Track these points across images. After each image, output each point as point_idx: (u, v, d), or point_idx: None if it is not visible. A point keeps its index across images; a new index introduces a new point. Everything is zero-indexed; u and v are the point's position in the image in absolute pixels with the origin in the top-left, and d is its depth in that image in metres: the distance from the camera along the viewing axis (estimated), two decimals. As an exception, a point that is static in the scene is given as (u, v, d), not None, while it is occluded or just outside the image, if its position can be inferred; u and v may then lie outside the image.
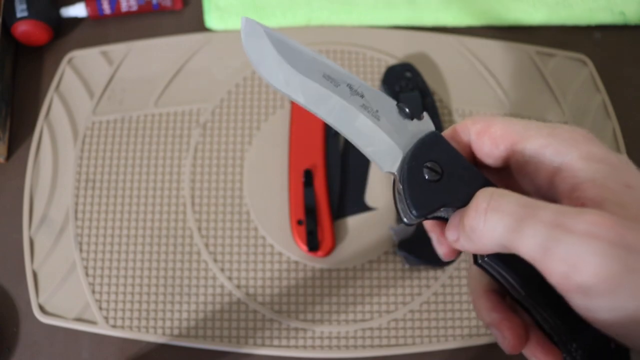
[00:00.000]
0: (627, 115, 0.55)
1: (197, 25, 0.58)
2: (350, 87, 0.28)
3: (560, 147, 0.24)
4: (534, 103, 0.55)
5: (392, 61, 0.56)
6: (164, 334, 0.47)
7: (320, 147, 0.51)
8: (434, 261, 0.48)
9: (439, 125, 0.52)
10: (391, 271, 0.49)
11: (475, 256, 0.27)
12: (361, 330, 0.48)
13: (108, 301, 0.48)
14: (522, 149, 0.25)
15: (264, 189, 0.51)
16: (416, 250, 0.48)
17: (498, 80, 0.56)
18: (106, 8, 0.57)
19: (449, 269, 0.49)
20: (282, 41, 0.28)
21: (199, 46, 0.56)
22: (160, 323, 0.48)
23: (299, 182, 0.50)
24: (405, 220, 0.27)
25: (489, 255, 0.26)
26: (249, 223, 0.50)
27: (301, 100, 0.28)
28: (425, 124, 0.28)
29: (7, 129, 0.53)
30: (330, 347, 0.47)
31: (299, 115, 0.53)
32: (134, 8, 0.57)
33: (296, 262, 0.49)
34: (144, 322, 0.48)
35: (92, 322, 0.48)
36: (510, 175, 0.27)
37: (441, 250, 0.29)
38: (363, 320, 0.48)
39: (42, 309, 0.48)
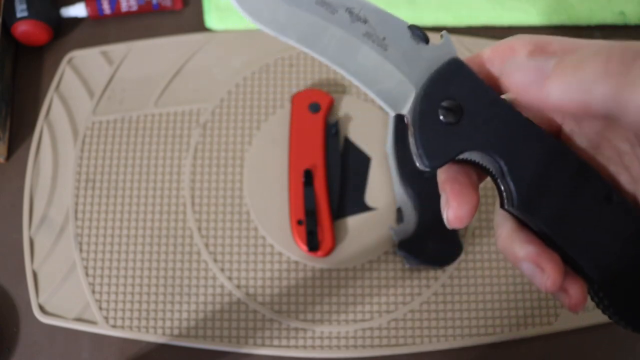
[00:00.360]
0: (627, 115, 0.55)
1: (197, 25, 0.58)
2: (350, 11, 0.24)
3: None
4: (534, 103, 0.55)
5: (392, 61, 0.56)
6: (164, 334, 0.47)
7: (320, 147, 0.51)
8: (434, 261, 0.48)
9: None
10: (391, 271, 0.49)
11: (502, 201, 0.24)
12: (361, 330, 0.48)
13: (108, 301, 0.48)
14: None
15: (264, 189, 0.51)
16: (416, 250, 0.48)
17: (498, 80, 0.56)
18: (106, 8, 0.57)
19: (449, 269, 0.49)
20: None
21: (199, 46, 0.56)
22: (160, 323, 0.48)
23: (299, 182, 0.50)
24: (420, 168, 0.24)
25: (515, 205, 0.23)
26: (249, 223, 0.50)
27: (292, 38, 0.24)
28: (444, 48, 0.24)
29: (7, 129, 0.53)
30: (330, 347, 0.47)
31: (299, 115, 0.53)
32: (134, 8, 0.57)
33: (296, 262, 0.49)
34: (144, 322, 0.48)
35: (92, 322, 0.48)
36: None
37: (450, 213, 0.24)
38: (363, 320, 0.48)
39: (42, 309, 0.48)
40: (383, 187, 0.51)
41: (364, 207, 0.51)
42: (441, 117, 0.23)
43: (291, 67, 0.55)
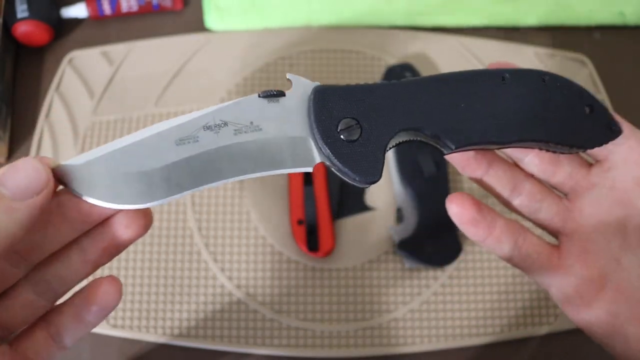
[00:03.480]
0: (627, 115, 0.55)
1: (197, 25, 0.58)
2: (207, 127, 0.23)
3: None
4: (533, 103, 0.55)
5: (392, 61, 0.56)
6: (164, 334, 0.47)
7: (320, 147, 0.51)
8: (434, 261, 0.48)
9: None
10: (391, 271, 0.49)
11: (442, 152, 0.28)
12: (361, 330, 0.48)
13: (108, 301, 0.48)
14: None
15: (264, 188, 0.51)
16: (416, 250, 0.48)
17: (498, 81, 0.56)
18: (107, 8, 0.57)
19: (449, 269, 0.49)
20: (112, 154, 0.23)
21: (199, 46, 0.56)
22: (160, 323, 0.48)
23: (299, 182, 0.50)
24: (365, 186, 0.25)
25: None
26: (249, 223, 0.50)
27: (187, 188, 0.23)
28: (300, 86, 0.24)
29: (7, 129, 0.53)
30: (330, 346, 0.47)
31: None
32: (135, 8, 0.57)
33: (296, 262, 0.49)
34: (144, 322, 0.48)
35: (93, 322, 0.48)
36: None
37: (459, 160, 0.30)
38: (363, 320, 0.48)
39: (42, 308, 0.48)
40: (383, 187, 0.51)
41: (363, 207, 0.51)
42: (345, 139, 0.24)
43: (291, 67, 0.55)
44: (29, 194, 0.22)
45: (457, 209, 0.29)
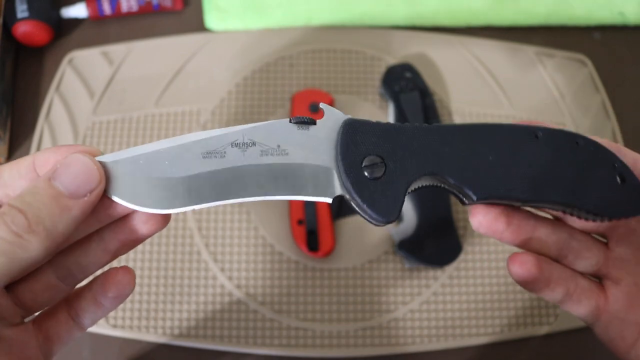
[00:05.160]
0: (627, 115, 0.55)
1: (197, 25, 0.58)
2: (236, 144, 0.24)
3: None
4: (533, 103, 0.55)
5: (392, 61, 0.56)
6: (164, 334, 0.47)
7: (320, 147, 0.51)
8: (434, 261, 0.48)
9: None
10: (391, 271, 0.49)
11: (461, 201, 0.27)
12: (361, 330, 0.48)
13: (108, 301, 0.48)
14: None
15: (264, 189, 0.51)
16: (416, 250, 0.48)
17: (498, 81, 0.56)
18: (107, 8, 0.57)
19: (449, 269, 0.49)
20: (133, 160, 0.24)
21: (199, 46, 0.56)
22: (160, 323, 0.48)
23: (299, 182, 0.50)
24: (379, 223, 0.25)
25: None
26: (249, 223, 0.50)
27: (210, 200, 0.23)
28: (331, 117, 0.25)
29: (7, 129, 0.53)
30: (330, 346, 0.47)
31: (299, 114, 0.52)
32: (135, 8, 0.57)
33: (296, 262, 0.49)
34: (144, 322, 0.48)
35: (93, 322, 0.48)
36: None
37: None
38: (363, 320, 0.48)
39: (42, 308, 0.48)
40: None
41: (363, 207, 0.51)
42: (368, 175, 0.24)
43: (291, 67, 0.55)
44: (84, 192, 0.23)
45: (520, 271, 0.28)
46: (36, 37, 0.55)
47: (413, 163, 0.24)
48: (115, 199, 0.24)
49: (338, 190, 0.24)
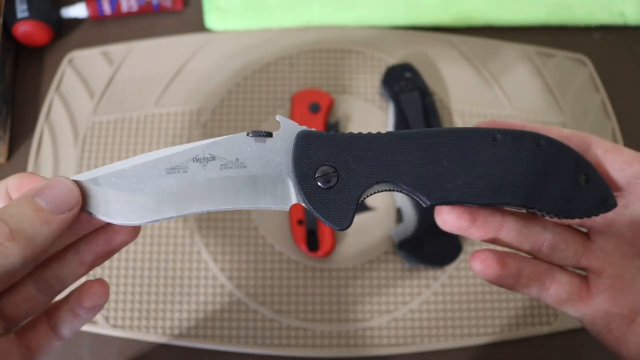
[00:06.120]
0: (627, 115, 0.55)
1: (197, 25, 0.58)
2: (197, 160, 0.25)
3: None
4: (533, 103, 0.55)
5: (392, 61, 0.56)
6: (164, 334, 0.47)
7: (320, 147, 0.51)
8: (434, 261, 0.48)
9: (438, 125, 0.52)
10: (391, 271, 0.49)
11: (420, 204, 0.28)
12: (361, 330, 0.48)
13: (108, 301, 0.48)
14: None
15: (264, 189, 0.51)
16: (416, 250, 0.48)
17: (498, 80, 0.56)
18: (107, 8, 0.57)
19: (449, 269, 0.49)
20: (109, 175, 0.26)
21: (199, 46, 0.56)
22: (160, 323, 0.48)
23: (299, 182, 0.50)
24: (334, 229, 0.26)
25: None
26: (249, 223, 0.50)
27: (170, 213, 0.25)
28: (286, 129, 0.25)
29: (7, 129, 0.53)
30: (330, 346, 0.47)
31: (299, 114, 0.53)
32: (135, 8, 0.57)
33: (296, 262, 0.49)
34: (144, 322, 0.48)
35: (93, 322, 0.48)
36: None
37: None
38: (363, 320, 0.48)
39: (42, 308, 0.48)
40: (383, 187, 0.51)
41: (364, 207, 0.51)
42: (322, 185, 0.25)
43: (291, 67, 0.55)
44: (63, 209, 0.25)
45: (480, 268, 0.28)
46: (36, 37, 0.55)
47: (364, 172, 0.25)
48: (90, 212, 0.26)
49: (294, 199, 0.26)
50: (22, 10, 0.54)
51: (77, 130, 0.53)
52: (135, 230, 0.28)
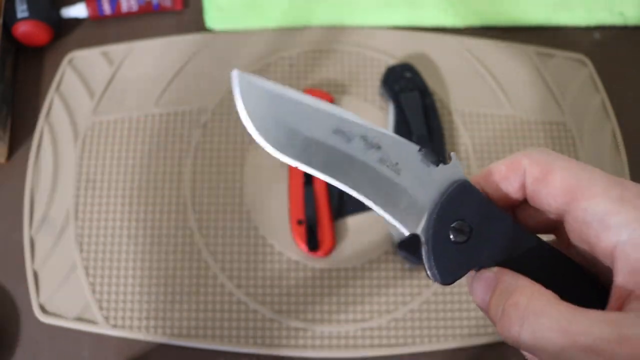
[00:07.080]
0: (627, 115, 0.55)
1: (198, 25, 0.58)
2: (364, 139, 0.25)
3: (630, 217, 0.21)
4: (533, 103, 0.55)
5: (392, 61, 0.56)
6: (164, 334, 0.47)
7: (320, 147, 0.51)
8: (434, 261, 0.48)
9: (438, 125, 0.52)
10: (391, 271, 0.49)
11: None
12: (361, 330, 0.48)
13: (108, 301, 0.48)
14: (583, 208, 0.22)
15: (264, 188, 0.51)
16: (416, 250, 0.48)
17: (498, 81, 0.56)
18: (106, 8, 0.57)
19: (449, 269, 0.49)
20: (280, 95, 0.25)
21: (199, 46, 0.56)
22: (160, 323, 0.48)
23: (299, 182, 0.50)
24: (433, 280, 0.25)
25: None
26: (249, 223, 0.50)
27: (313, 166, 0.25)
28: (452, 169, 0.25)
29: (7, 129, 0.53)
30: (330, 346, 0.47)
31: (299, 115, 0.53)
32: (135, 8, 0.57)
33: (296, 262, 0.49)
34: (144, 322, 0.48)
35: (93, 322, 0.48)
36: (561, 225, 0.24)
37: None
38: (363, 320, 0.48)
39: (42, 308, 0.48)
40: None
41: (364, 207, 0.51)
42: (452, 237, 0.24)
43: (291, 67, 0.55)
44: None
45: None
46: (36, 37, 0.55)
47: (491, 253, 0.24)
48: (239, 109, 0.25)
49: (419, 230, 0.25)
50: (22, 10, 0.54)
51: (77, 130, 0.53)
52: None
